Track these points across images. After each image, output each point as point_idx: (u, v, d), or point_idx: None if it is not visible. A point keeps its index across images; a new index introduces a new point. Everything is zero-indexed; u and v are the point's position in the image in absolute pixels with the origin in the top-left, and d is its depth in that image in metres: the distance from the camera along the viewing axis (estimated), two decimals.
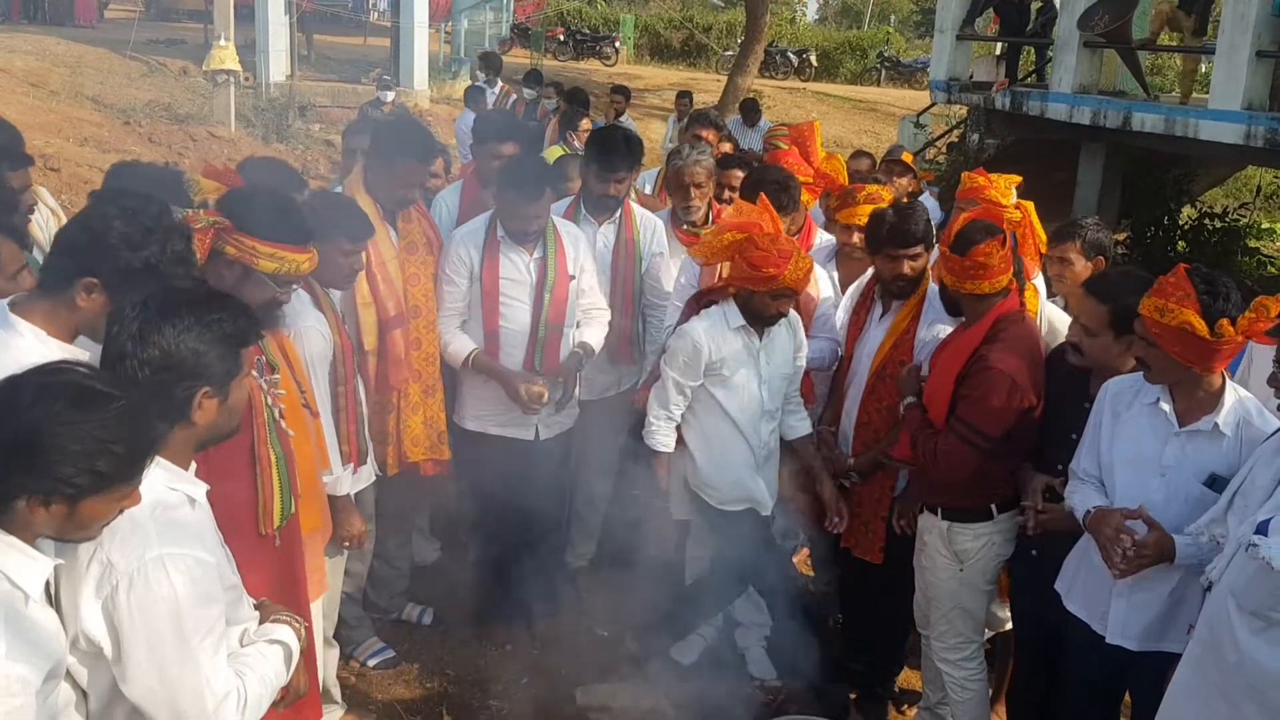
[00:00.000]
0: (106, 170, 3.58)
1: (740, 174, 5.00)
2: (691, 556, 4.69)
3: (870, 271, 4.30)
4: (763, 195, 3.99)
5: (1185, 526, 2.91)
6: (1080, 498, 3.18)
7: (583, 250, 4.46)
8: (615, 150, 4.63)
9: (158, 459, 2.03)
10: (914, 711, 4.36)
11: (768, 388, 3.99)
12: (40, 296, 2.47)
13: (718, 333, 3.91)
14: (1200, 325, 2.79)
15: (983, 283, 3.52)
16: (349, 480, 3.74)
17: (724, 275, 4.12)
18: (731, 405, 3.98)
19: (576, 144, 7.43)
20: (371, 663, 4.46)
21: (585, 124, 8.03)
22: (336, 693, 4.04)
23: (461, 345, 4.31)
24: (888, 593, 4.16)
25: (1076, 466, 3.25)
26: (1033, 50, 13.38)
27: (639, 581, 4.63)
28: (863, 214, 4.39)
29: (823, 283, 4.48)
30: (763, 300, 3.79)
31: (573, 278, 4.40)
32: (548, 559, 4.70)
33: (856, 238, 4.46)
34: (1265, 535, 2.44)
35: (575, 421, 4.65)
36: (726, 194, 5.06)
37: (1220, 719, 2.53)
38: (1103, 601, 3.13)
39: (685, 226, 4.85)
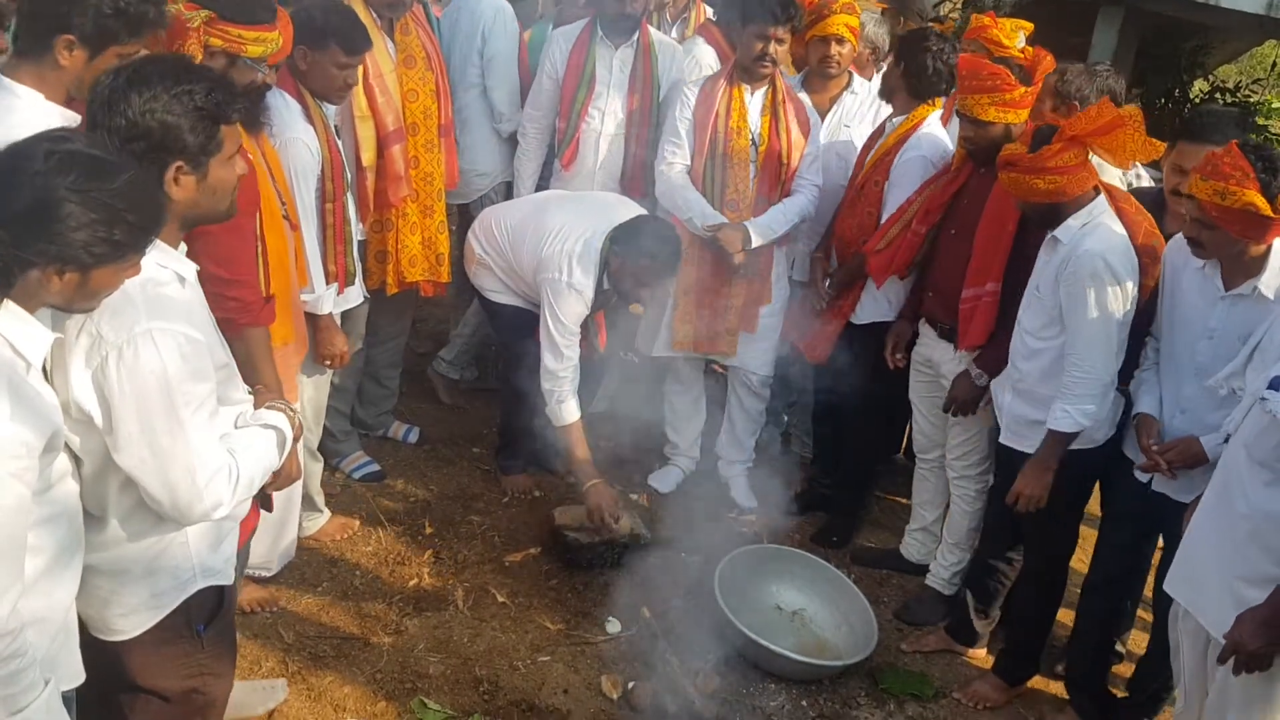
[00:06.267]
0: None
1: None
2: (669, 391, 4.80)
3: None
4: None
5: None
6: (1140, 393, 3.31)
7: None
8: None
9: None
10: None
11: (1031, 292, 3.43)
12: (23, 60, 2.40)
13: None
14: (1263, 204, 2.77)
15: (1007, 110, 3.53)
16: (331, 299, 3.71)
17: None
18: None
19: None
20: (357, 475, 4.57)
21: None
22: (320, 501, 4.17)
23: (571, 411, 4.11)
24: (860, 421, 4.38)
25: (1155, 329, 3.33)
26: None
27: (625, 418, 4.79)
28: (838, 23, 4.33)
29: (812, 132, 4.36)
30: None
31: None
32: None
33: (835, 49, 4.39)
34: (1277, 391, 2.50)
35: None
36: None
37: (1226, 559, 2.66)
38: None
39: None
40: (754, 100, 4.24)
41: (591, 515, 4.10)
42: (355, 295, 3.95)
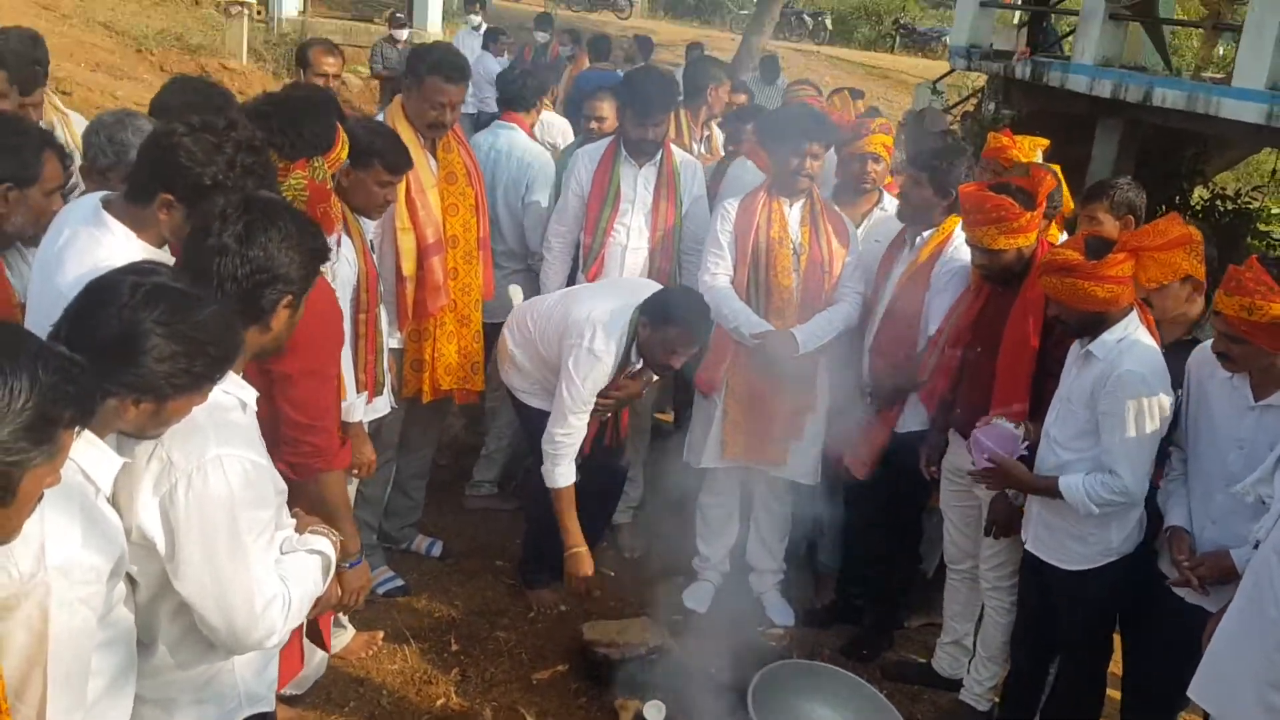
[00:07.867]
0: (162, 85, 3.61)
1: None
2: (703, 503, 4.76)
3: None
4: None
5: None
6: (1170, 505, 3.32)
7: None
8: (650, 93, 4.60)
9: None
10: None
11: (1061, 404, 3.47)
12: (129, 203, 2.48)
13: None
14: None
15: (1016, 237, 3.56)
16: (362, 408, 3.73)
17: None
18: None
19: None
20: (381, 590, 4.50)
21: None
22: (344, 617, 4.10)
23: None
24: (893, 532, 4.39)
25: (1180, 438, 3.32)
26: (1053, 20, 13.29)
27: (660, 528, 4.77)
28: (875, 142, 4.47)
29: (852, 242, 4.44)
30: None
31: None
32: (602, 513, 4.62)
33: (871, 166, 4.52)
34: None
35: None
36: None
37: (1256, 666, 2.61)
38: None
39: None
40: (793, 212, 4.34)
41: (568, 582, 4.07)
42: (383, 405, 3.97)
